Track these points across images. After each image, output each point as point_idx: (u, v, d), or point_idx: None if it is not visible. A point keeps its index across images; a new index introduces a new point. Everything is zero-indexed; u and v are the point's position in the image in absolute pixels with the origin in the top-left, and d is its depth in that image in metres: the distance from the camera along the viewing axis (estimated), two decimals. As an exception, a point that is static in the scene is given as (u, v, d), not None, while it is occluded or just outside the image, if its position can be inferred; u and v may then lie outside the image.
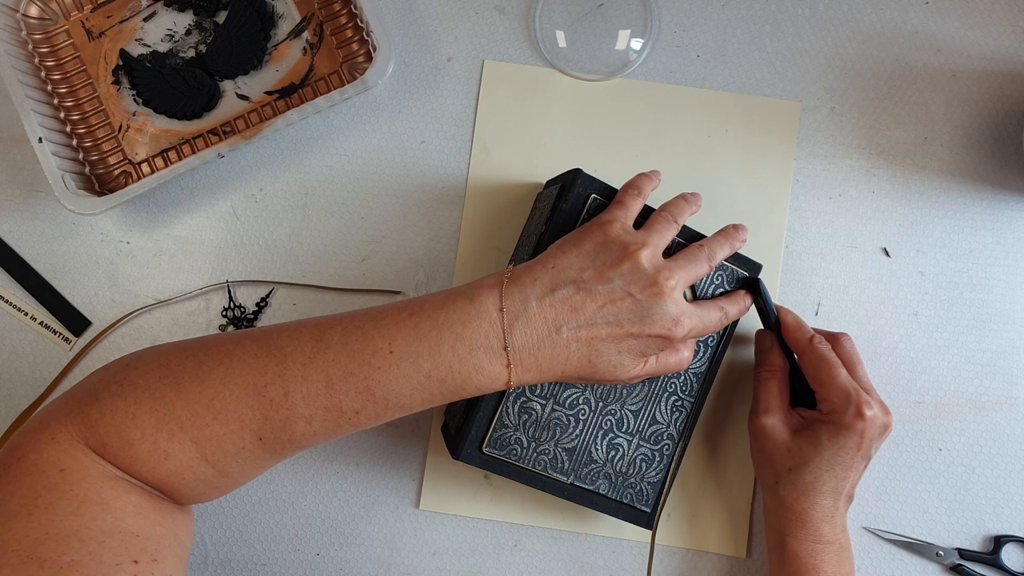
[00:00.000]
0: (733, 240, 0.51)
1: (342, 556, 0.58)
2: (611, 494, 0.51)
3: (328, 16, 0.59)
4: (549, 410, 0.49)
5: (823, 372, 0.51)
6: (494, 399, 0.48)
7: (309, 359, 0.43)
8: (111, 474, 0.42)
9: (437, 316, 0.44)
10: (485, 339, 0.43)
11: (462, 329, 0.43)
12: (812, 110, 0.60)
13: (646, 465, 0.52)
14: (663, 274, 0.45)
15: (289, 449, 0.44)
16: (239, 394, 0.43)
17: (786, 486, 0.52)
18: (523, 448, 0.49)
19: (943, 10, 0.60)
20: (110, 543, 0.39)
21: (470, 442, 0.48)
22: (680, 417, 0.52)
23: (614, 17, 0.60)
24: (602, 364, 0.45)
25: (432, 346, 0.43)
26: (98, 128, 0.59)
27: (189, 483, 0.43)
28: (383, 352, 0.43)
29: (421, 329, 0.44)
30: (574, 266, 0.45)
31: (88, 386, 0.44)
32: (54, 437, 0.41)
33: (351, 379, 0.43)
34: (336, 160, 0.60)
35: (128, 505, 0.41)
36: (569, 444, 0.50)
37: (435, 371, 0.43)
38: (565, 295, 0.44)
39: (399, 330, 0.44)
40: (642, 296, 0.45)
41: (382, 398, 0.43)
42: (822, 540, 0.51)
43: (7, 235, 0.60)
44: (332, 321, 0.45)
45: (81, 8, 0.59)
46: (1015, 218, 0.59)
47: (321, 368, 0.43)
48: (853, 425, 0.49)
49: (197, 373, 0.43)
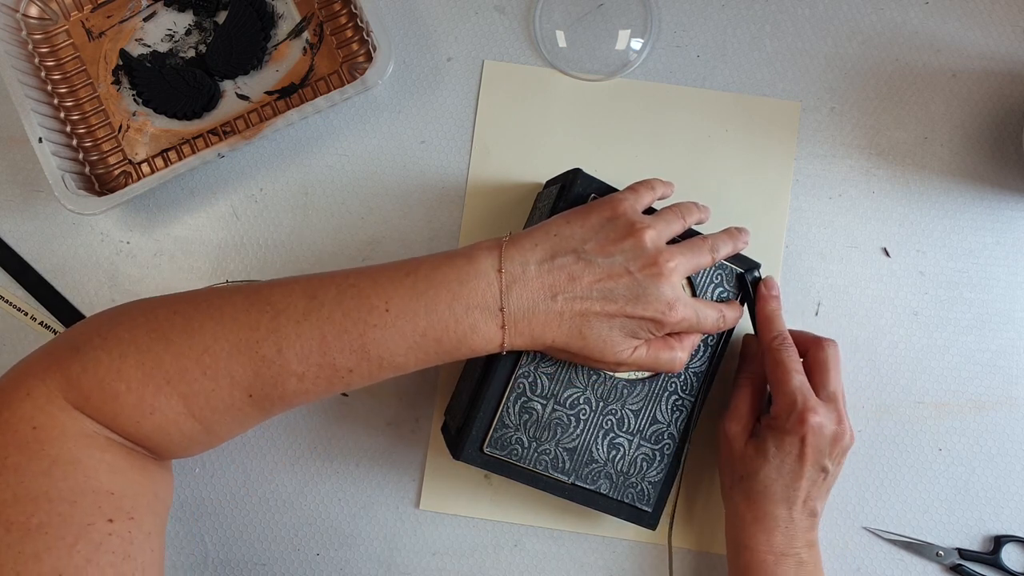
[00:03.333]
0: (736, 240, 0.50)
1: (342, 556, 0.58)
2: (612, 494, 0.51)
3: (328, 16, 0.59)
4: (550, 410, 0.49)
5: (776, 375, 0.50)
6: (494, 399, 0.48)
7: (303, 316, 0.42)
8: (87, 431, 0.40)
9: (434, 275, 0.44)
10: (482, 299, 0.43)
11: (459, 288, 0.43)
12: (812, 110, 0.60)
13: (647, 465, 0.52)
14: (664, 256, 0.45)
15: (278, 406, 0.44)
16: (230, 350, 0.42)
17: (739, 493, 0.52)
18: (524, 448, 0.49)
19: (943, 10, 0.60)
20: (82, 503, 0.38)
21: (471, 442, 0.48)
22: (681, 417, 0.52)
23: (614, 17, 0.60)
24: (592, 338, 0.45)
25: (429, 305, 0.43)
26: (98, 128, 0.59)
27: (174, 439, 0.43)
28: (379, 310, 0.43)
29: (418, 288, 0.43)
30: (577, 236, 0.45)
31: (68, 340, 0.42)
32: (29, 393, 0.40)
33: (346, 337, 0.42)
34: (336, 160, 0.60)
35: (102, 463, 0.40)
36: (570, 444, 0.50)
37: (431, 330, 0.43)
38: (564, 263, 0.44)
39: (396, 288, 0.43)
40: (641, 275, 0.44)
41: (376, 356, 0.43)
42: (774, 551, 0.50)
43: (7, 235, 0.60)
44: (325, 279, 0.44)
45: (81, 8, 0.59)
46: (1015, 218, 0.59)
47: (315, 325, 0.42)
48: (794, 430, 0.48)
49: (186, 327, 0.42)
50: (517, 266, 0.44)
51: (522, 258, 0.44)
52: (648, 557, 0.58)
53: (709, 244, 0.48)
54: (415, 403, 0.59)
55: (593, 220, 0.46)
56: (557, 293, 0.44)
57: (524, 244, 0.45)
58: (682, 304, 0.45)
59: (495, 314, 0.43)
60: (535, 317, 0.44)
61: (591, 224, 0.46)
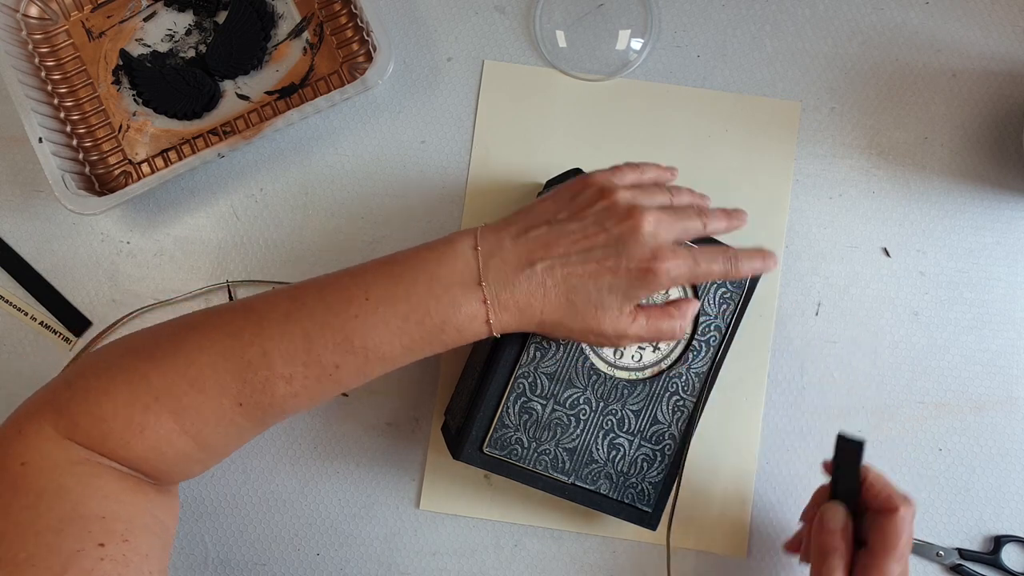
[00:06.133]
0: (732, 218, 0.48)
1: (342, 556, 0.58)
2: (612, 494, 0.51)
3: (328, 16, 0.59)
4: (550, 410, 0.49)
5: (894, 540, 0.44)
6: (494, 399, 0.48)
7: (285, 316, 0.42)
8: (77, 458, 0.40)
9: (412, 260, 0.44)
10: (460, 276, 0.43)
11: (437, 268, 0.43)
12: (812, 110, 0.60)
13: (647, 465, 0.52)
14: (638, 209, 0.43)
15: (271, 414, 0.44)
16: (216, 358, 0.42)
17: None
18: (524, 448, 0.49)
19: (943, 10, 0.60)
20: (69, 530, 0.38)
21: (471, 442, 0.48)
22: (681, 417, 0.52)
23: (614, 17, 0.60)
24: (581, 302, 0.44)
25: (408, 287, 0.43)
26: (98, 128, 0.59)
27: (169, 458, 0.42)
28: (359, 300, 0.43)
29: (395, 273, 0.44)
30: (549, 210, 0.45)
31: (60, 377, 0.43)
32: (20, 431, 0.40)
33: (328, 330, 0.42)
34: (336, 160, 0.60)
35: (92, 489, 0.40)
36: (570, 444, 0.50)
37: (413, 312, 0.43)
38: (538, 233, 0.44)
39: (375, 277, 0.44)
40: (616, 230, 0.43)
41: (361, 348, 0.43)
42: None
43: (7, 235, 0.60)
44: (308, 282, 0.45)
45: (81, 8, 0.59)
46: (1015, 218, 0.59)
47: (298, 323, 0.42)
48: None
49: (171, 344, 0.42)
50: (493, 243, 0.44)
51: (497, 236, 0.44)
52: (648, 557, 0.58)
53: (697, 210, 0.46)
54: (415, 403, 0.59)
55: (564, 194, 0.46)
56: (535, 261, 0.43)
57: (499, 225, 0.46)
58: (669, 251, 0.43)
59: (475, 289, 0.43)
60: (518, 288, 0.43)
61: (563, 197, 0.46)
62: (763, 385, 0.59)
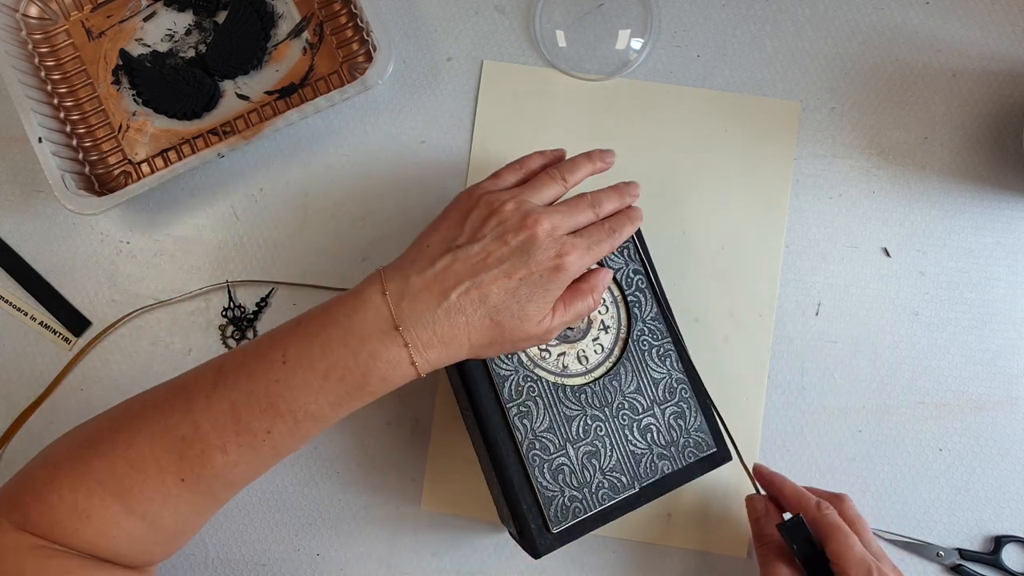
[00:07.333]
0: (623, 194, 0.49)
1: (342, 556, 0.58)
2: (678, 466, 0.51)
3: (328, 16, 0.59)
4: (573, 452, 0.49)
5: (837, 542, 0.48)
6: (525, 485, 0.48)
7: (212, 389, 0.43)
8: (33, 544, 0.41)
9: (323, 317, 0.44)
10: (374, 324, 0.43)
11: (348, 322, 0.43)
12: (812, 110, 0.60)
13: (683, 420, 0.51)
14: (532, 216, 0.44)
15: (217, 486, 0.44)
16: (151, 438, 0.42)
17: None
18: (582, 499, 0.49)
19: (943, 10, 0.60)
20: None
21: (538, 535, 0.48)
22: (672, 359, 0.52)
23: (614, 17, 0.60)
24: (506, 319, 0.44)
25: (324, 346, 0.42)
26: (98, 128, 0.59)
27: (120, 542, 0.43)
28: (278, 363, 0.42)
29: (311, 332, 0.43)
30: (447, 237, 0.45)
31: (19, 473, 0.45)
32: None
33: (252, 398, 0.42)
34: (336, 160, 0.60)
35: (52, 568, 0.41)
36: (611, 462, 0.50)
37: (332, 371, 0.42)
38: (445, 263, 0.44)
39: (290, 339, 0.43)
40: (516, 241, 0.43)
41: (288, 411, 0.42)
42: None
43: (7, 235, 0.60)
44: (235, 350, 0.45)
45: (81, 8, 0.59)
46: (1015, 218, 0.59)
47: (223, 395, 0.42)
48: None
49: (111, 428, 0.43)
50: (400, 283, 0.43)
51: (402, 275, 0.44)
52: (648, 557, 0.58)
53: (588, 200, 0.47)
54: (415, 403, 0.59)
55: (454, 216, 0.46)
56: (449, 291, 0.43)
57: (401, 264, 0.45)
58: (570, 245, 0.44)
59: (393, 335, 0.42)
60: (438, 323, 0.43)
61: (454, 220, 0.46)
62: (763, 385, 0.59)
